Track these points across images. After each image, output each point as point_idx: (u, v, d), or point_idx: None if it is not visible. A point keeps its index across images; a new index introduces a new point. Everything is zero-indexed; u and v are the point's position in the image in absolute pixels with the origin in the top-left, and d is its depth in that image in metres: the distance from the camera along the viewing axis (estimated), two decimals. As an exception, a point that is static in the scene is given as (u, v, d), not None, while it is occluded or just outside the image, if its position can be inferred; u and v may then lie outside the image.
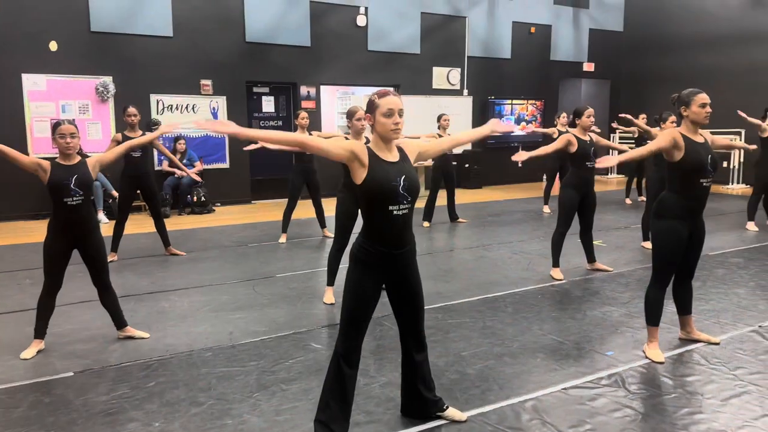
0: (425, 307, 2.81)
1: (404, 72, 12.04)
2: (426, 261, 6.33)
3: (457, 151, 12.67)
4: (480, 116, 13.22)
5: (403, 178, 2.54)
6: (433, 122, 8.44)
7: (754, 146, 6.58)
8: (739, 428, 2.82)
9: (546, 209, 9.53)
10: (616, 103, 14.96)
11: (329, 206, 5.21)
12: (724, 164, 12.60)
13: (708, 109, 3.52)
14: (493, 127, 3.07)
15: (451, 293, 5.08)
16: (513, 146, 13.94)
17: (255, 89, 10.94)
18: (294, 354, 3.76)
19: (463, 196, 11.12)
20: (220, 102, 10.37)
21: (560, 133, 8.13)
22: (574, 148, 5.40)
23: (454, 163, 10.16)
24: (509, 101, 13.50)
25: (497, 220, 8.90)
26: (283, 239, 7.31)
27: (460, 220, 8.69)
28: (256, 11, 10.43)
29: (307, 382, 3.34)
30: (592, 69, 14.60)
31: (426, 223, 8.37)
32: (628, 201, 10.36)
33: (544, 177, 11.00)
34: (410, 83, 12.14)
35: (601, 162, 3.56)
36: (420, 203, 8.77)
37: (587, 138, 5.46)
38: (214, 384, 3.36)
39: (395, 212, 2.52)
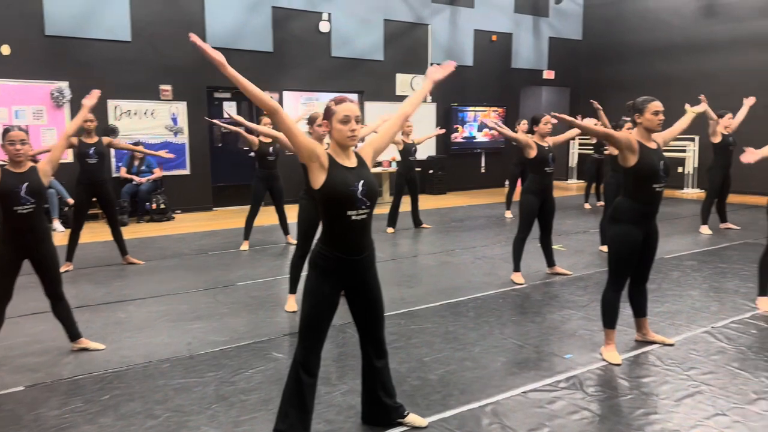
0: (388, 314, 2.81)
1: (368, 78, 12.06)
2: (390, 267, 6.34)
3: (421, 156, 12.73)
4: (444, 123, 13.34)
5: (361, 183, 2.53)
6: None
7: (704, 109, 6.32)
8: (691, 428, 2.89)
9: (508, 214, 9.65)
10: (575, 110, 15.24)
11: (292, 213, 5.17)
12: (679, 169, 12.97)
13: (661, 116, 3.62)
14: (432, 76, 2.95)
15: (414, 299, 5.09)
16: (476, 152, 14.13)
17: (216, 94, 10.80)
18: (254, 364, 3.71)
19: (427, 202, 11.19)
20: (180, 107, 10.21)
21: None
22: (533, 153, 5.48)
23: (418, 169, 10.21)
24: (472, 108, 13.65)
25: (461, 225, 8.97)
26: (245, 246, 7.22)
27: (424, 225, 8.73)
28: (218, 16, 10.32)
29: (267, 392, 3.29)
30: (552, 77, 14.89)
31: (390, 229, 8.38)
32: (587, 206, 10.57)
33: (507, 182, 11.15)
34: (374, 90, 12.17)
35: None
36: (384, 209, 8.88)
37: (545, 144, 5.56)
38: (171, 396, 3.29)
39: (354, 217, 2.52)
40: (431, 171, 12.91)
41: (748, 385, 3.33)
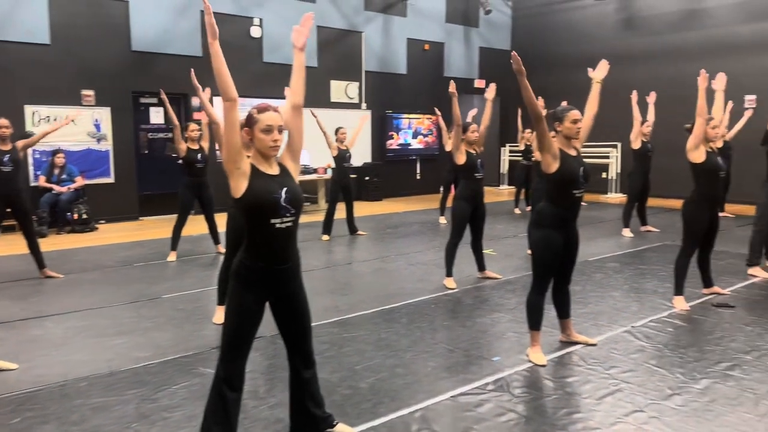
0: (321, 323, 2.77)
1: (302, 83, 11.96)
2: (324, 275, 6.29)
3: (357, 163, 12.75)
4: (379, 129, 13.42)
5: (285, 190, 2.49)
6: (332, 135, 8.45)
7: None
8: (611, 425, 2.99)
9: (442, 220, 9.79)
10: (506, 119, 15.70)
11: (223, 221, 5.05)
12: (603, 175, 13.54)
13: (579, 124, 3.76)
14: (297, 44, 2.63)
15: (347, 307, 5.06)
16: (411, 159, 14.27)
17: (142, 100, 10.43)
18: (178, 379, 3.58)
19: (362, 209, 11.19)
20: (104, 113, 9.80)
21: None
22: (463, 159, 5.58)
23: (353, 176, 10.21)
24: (406, 115, 13.79)
25: (396, 231, 9.02)
26: (172, 257, 6.98)
27: (359, 232, 8.72)
28: (143, 19, 9.99)
29: (191, 408, 3.18)
30: (483, 85, 15.23)
31: (325, 237, 8.33)
32: (517, 211, 10.86)
33: (441, 188, 11.32)
34: (308, 96, 11.80)
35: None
36: (319, 217, 8.81)
37: (474, 151, 5.68)
38: (89, 416, 3.12)
39: (278, 225, 2.47)
40: (367, 178, 12.94)
41: (665, 381, 3.49)
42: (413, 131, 14.02)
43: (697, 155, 4.77)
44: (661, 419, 3.03)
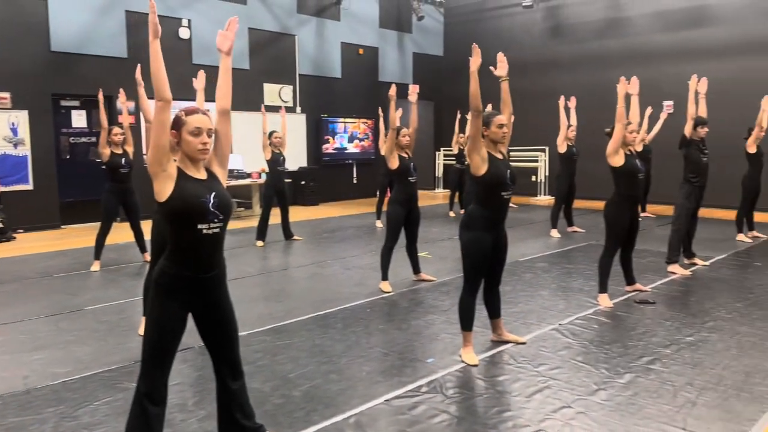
0: (254, 331, 2.70)
1: (233, 87, 11.68)
2: (258, 282, 6.18)
3: (292, 167, 12.62)
4: (314, 134, 13.33)
5: (213, 195, 2.41)
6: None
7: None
8: (540, 421, 3.07)
9: (378, 224, 9.82)
10: (440, 123, 15.95)
11: (150, 229, 4.87)
12: (533, 178, 13.97)
13: (505, 129, 3.86)
14: (223, 49, 2.58)
15: (281, 314, 4.98)
16: (348, 163, 14.26)
17: (63, 102, 9.94)
18: (101, 395, 3.41)
19: (298, 214, 11.08)
20: (21, 116, 9.27)
21: None
22: (396, 163, 5.61)
23: (288, 180, 10.09)
24: (342, 120, 13.77)
25: (332, 236, 8.97)
26: (95, 267, 6.67)
27: (295, 237, 8.62)
28: (63, 18, 9.53)
29: (114, 425, 3.03)
30: (417, 90, 15.41)
31: (259, 243, 8.18)
32: (451, 214, 11.03)
33: (378, 192, 11.36)
34: (240, 99, 11.83)
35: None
36: (252, 222, 8.64)
37: (406, 155, 5.72)
38: (1, 439, 2.92)
39: (205, 231, 2.40)
40: (303, 182, 12.83)
41: (590, 377, 3.62)
42: (349, 135, 14.02)
43: (617, 159, 4.98)
44: (588, 414, 3.13)
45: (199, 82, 4.15)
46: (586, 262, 6.80)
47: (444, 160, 15.55)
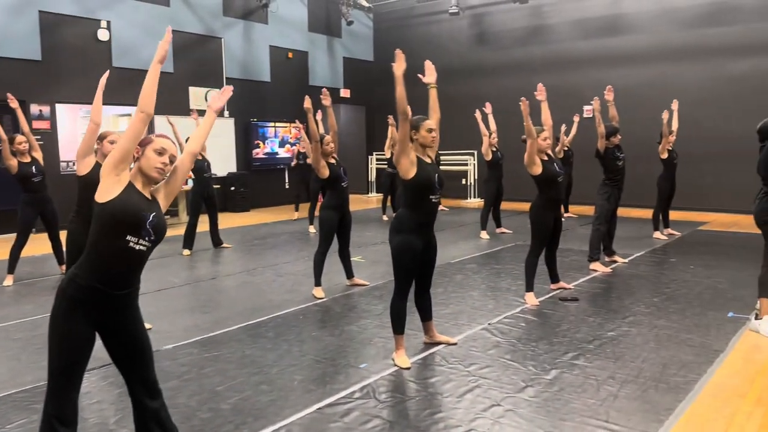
0: (179, 344, 2.59)
1: (157, 90, 11.35)
2: (184, 292, 5.98)
3: (221, 173, 12.33)
4: (243, 138, 13.08)
5: (153, 214, 2.37)
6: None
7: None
8: (471, 421, 3.11)
9: (311, 229, 9.73)
10: (372, 128, 16.02)
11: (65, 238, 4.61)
12: (463, 181, 14.25)
13: (434, 134, 3.91)
14: (214, 106, 2.75)
15: (209, 325, 4.83)
16: (279, 168, 14.05)
17: (-31, 107, 9.29)
18: (13, 418, 3.20)
19: (228, 220, 10.83)
20: None
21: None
22: (326, 172, 5.58)
23: (217, 186, 9.84)
24: (272, 124, 13.58)
25: (263, 243, 8.81)
26: (8, 281, 6.26)
27: (224, 245, 8.41)
28: (-32, 17, 8.93)
29: (26, 450, 2.85)
30: (349, 95, 15.44)
31: (186, 252, 7.93)
32: (384, 217, 11.08)
33: (295, 195, 11.34)
34: (165, 103, 11.33)
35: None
36: (179, 230, 8.36)
37: (334, 161, 5.71)
38: None
39: (132, 244, 2.30)
40: (232, 188, 12.55)
41: (518, 374, 3.70)
42: (280, 140, 13.84)
43: (535, 168, 5.16)
44: (516, 411, 3.20)
45: (101, 84, 4.02)
46: (513, 262, 6.98)
47: (376, 164, 15.61)
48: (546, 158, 5.23)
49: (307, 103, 5.69)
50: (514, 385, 3.54)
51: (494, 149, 8.86)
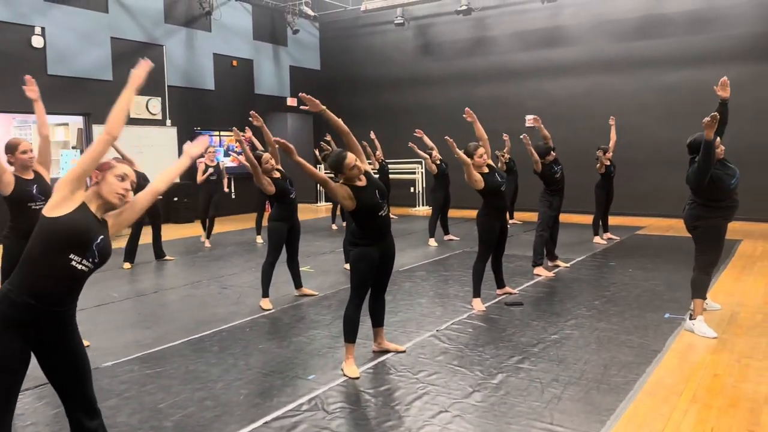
0: (118, 361, 2.47)
1: (94, 99, 10.96)
2: (125, 307, 5.78)
3: (163, 184, 11.99)
4: (186, 148, 12.77)
5: (101, 237, 2.30)
6: (132, 153, 7.82)
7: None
8: (419, 428, 3.11)
9: (258, 239, 9.59)
10: (319, 137, 15.92)
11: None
12: (411, 189, 14.37)
13: (356, 170, 3.78)
14: (191, 152, 2.79)
15: (151, 340, 4.67)
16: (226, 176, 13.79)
17: None
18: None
19: (172, 232, 10.56)
20: None
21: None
22: (272, 189, 5.52)
23: (160, 197, 9.57)
24: (217, 132, 13.33)
25: (208, 254, 8.62)
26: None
27: (167, 257, 8.18)
28: None
29: (-50, 480, 2.67)
30: (296, 104, 15.33)
31: (127, 265, 7.67)
32: (334, 227, 11.04)
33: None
34: (103, 111, 11.02)
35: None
36: (120, 243, 8.08)
37: (279, 175, 5.64)
38: None
39: (74, 263, 2.22)
40: (175, 198, 12.24)
41: (465, 380, 3.74)
42: (225, 149, 13.59)
43: (477, 184, 5.26)
44: (463, 417, 3.23)
45: (32, 91, 3.78)
46: (461, 268, 7.07)
47: (326, 173, 15.54)
48: (487, 170, 5.32)
49: (236, 135, 5.64)
50: (462, 390, 3.58)
51: (438, 161, 8.97)
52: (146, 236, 7.99)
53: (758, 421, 3.11)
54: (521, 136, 6.69)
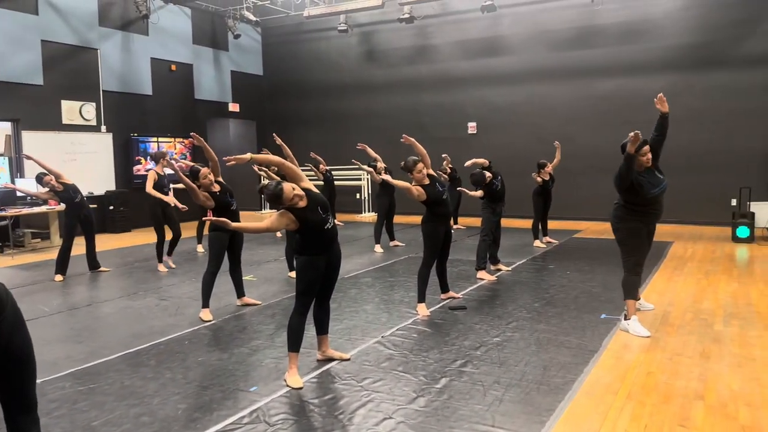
0: (47, 378, 2.35)
1: (24, 104, 10.48)
2: (56, 321, 5.51)
3: (98, 191, 11.59)
4: (123, 154, 12.38)
5: None
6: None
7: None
8: (363, 436, 3.09)
9: (200, 248, 9.35)
10: (263, 142, 15.73)
11: None
12: (357, 195, 14.35)
13: (295, 198, 3.71)
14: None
15: (84, 356, 4.47)
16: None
17: None
18: None
19: (107, 242, 10.18)
20: None
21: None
22: (212, 203, 5.45)
23: (94, 206, 9.24)
24: (155, 139, 12.96)
25: (146, 265, 8.33)
26: None
27: (101, 269, 7.86)
28: None
29: None
30: (238, 109, 15.09)
31: (59, 277, 7.32)
32: (278, 234, 10.87)
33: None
34: (34, 117, 10.63)
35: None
36: (51, 255, 7.71)
37: (217, 189, 5.53)
38: None
39: None
40: (111, 207, 11.80)
41: (410, 385, 3.74)
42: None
43: (420, 197, 5.31)
44: (407, 423, 3.22)
45: None
46: (406, 274, 7.10)
47: (264, 176, 15.34)
48: (428, 182, 5.36)
49: (198, 141, 5.52)
50: (406, 396, 3.58)
51: (383, 170, 8.97)
52: (79, 247, 7.65)
53: (688, 416, 3.24)
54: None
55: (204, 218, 3.11)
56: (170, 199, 7.84)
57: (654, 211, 4.70)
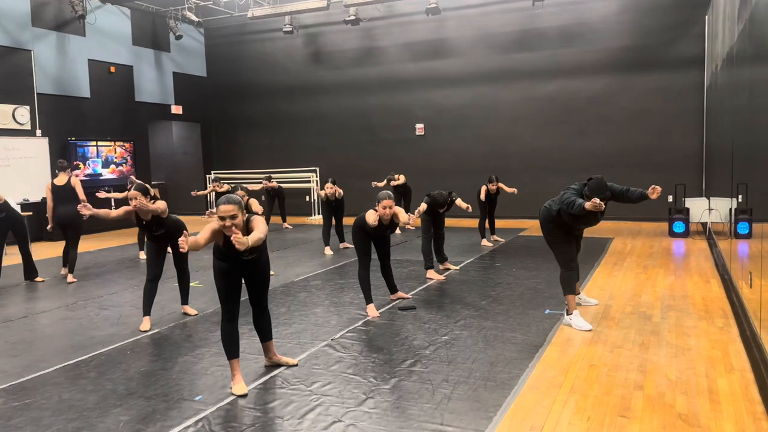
0: None
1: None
2: (-13, 335, 5.23)
3: (34, 199, 11.10)
4: (59, 159, 11.88)
5: None
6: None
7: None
8: (312, 441, 3.06)
9: (142, 255, 9.08)
10: (208, 145, 15.44)
11: None
12: (307, 198, 14.25)
13: (227, 222, 3.58)
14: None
15: (19, 369, 4.27)
16: (104, 190, 12.93)
17: None
18: None
19: (44, 250, 9.75)
20: None
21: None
22: (149, 216, 5.30)
23: (28, 213, 8.86)
24: (94, 143, 12.51)
25: (86, 273, 8.03)
26: None
27: (38, 279, 7.52)
28: None
29: None
30: (181, 111, 14.74)
31: (-9, 289, 6.97)
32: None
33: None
34: (-40, 122, 10.08)
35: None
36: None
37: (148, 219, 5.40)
38: None
39: None
40: (47, 215, 11.29)
41: (359, 387, 3.73)
42: (104, 160, 12.78)
43: (369, 224, 5.21)
44: (357, 425, 3.21)
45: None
46: (356, 276, 7.07)
47: (214, 183, 15.04)
48: (377, 225, 5.28)
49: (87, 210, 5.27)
50: (356, 398, 3.56)
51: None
52: (12, 257, 7.29)
53: (629, 406, 3.36)
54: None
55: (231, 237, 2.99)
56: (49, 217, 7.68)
57: (576, 232, 5.00)
